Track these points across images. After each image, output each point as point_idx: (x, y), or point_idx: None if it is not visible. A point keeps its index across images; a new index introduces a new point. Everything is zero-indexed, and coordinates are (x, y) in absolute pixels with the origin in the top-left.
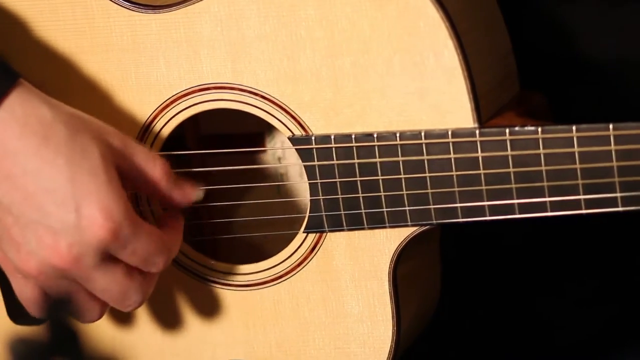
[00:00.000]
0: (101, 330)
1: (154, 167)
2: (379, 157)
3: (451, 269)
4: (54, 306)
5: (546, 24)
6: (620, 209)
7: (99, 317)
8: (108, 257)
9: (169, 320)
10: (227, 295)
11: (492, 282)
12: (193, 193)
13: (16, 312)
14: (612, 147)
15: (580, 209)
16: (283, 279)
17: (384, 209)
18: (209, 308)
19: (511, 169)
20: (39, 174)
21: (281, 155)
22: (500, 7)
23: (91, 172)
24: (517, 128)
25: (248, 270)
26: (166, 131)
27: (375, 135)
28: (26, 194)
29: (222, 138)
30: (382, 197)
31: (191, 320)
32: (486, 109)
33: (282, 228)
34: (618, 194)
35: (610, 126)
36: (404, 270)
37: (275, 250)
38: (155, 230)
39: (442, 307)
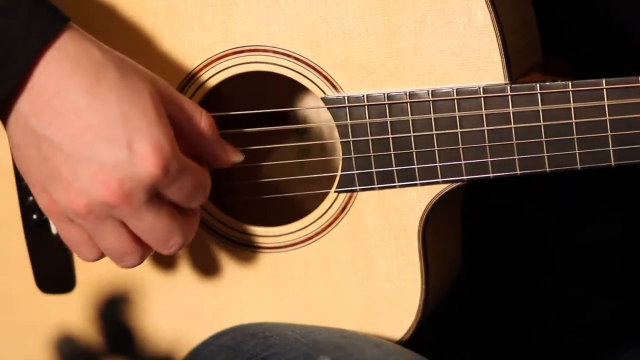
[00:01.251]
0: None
1: (200, 119)
2: (411, 115)
3: (469, 243)
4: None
5: None
6: None
7: (139, 263)
8: (156, 196)
9: (198, 282)
10: (256, 257)
11: (508, 257)
12: (235, 154)
13: (45, 280)
14: None
15: (610, 161)
16: (313, 240)
17: (416, 166)
18: (238, 270)
19: (542, 122)
20: (91, 111)
21: (302, 121)
22: None
23: (142, 109)
24: (547, 83)
25: (278, 233)
26: (200, 94)
27: (407, 93)
28: (78, 131)
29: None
30: (414, 154)
31: (220, 282)
32: (516, 66)
33: (309, 189)
34: None
35: None
36: (431, 230)
37: (303, 211)
38: (196, 166)
39: (461, 279)
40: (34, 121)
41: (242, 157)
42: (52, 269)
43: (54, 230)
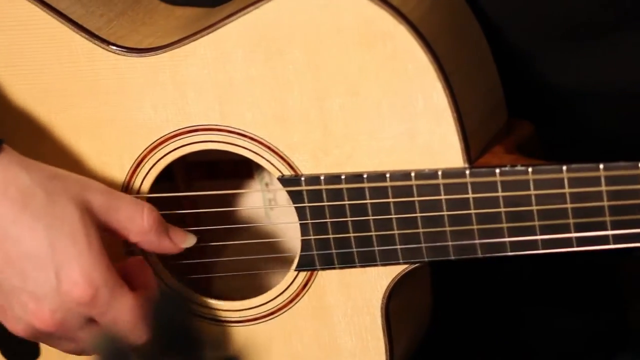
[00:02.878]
0: None
1: (141, 219)
2: (370, 198)
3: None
4: None
5: (526, 58)
6: (611, 246)
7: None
8: (92, 319)
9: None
10: (219, 331)
11: (477, 295)
12: (184, 240)
13: (10, 350)
14: (603, 187)
15: (572, 246)
16: (275, 315)
17: (375, 248)
18: None
19: (502, 209)
20: (19, 241)
21: (270, 194)
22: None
23: (71, 236)
24: (507, 168)
25: (240, 307)
26: (154, 173)
27: (365, 176)
28: (7, 261)
29: (209, 165)
30: (374, 236)
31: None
32: (475, 146)
33: (271, 264)
34: (609, 232)
35: (601, 166)
36: (396, 304)
37: (265, 286)
38: (137, 298)
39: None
40: None
41: (194, 240)
42: (16, 339)
43: None
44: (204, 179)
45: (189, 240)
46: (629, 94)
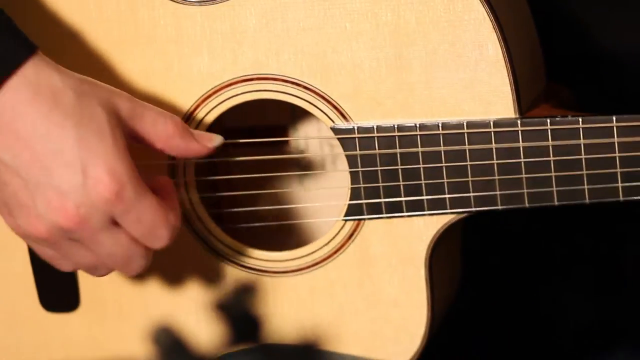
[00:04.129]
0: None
1: (165, 123)
2: (421, 147)
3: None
4: None
5: (565, 19)
6: None
7: (106, 274)
8: (114, 221)
9: (203, 306)
10: (262, 281)
11: (496, 270)
12: (211, 140)
13: (49, 298)
14: None
15: (618, 196)
16: (319, 265)
17: (424, 197)
18: None
19: (551, 157)
20: (48, 137)
21: (304, 147)
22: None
23: (98, 134)
24: (558, 118)
25: (284, 258)
26: (208, 120)
27: (417, 125)
28: (34, 156)
29: (245, 131)
30: (423, 185)
31: None
32: (524, 100)
33: (314, 216)
34: None
35: None
36: (437, 256)
37: (309, 237)
38: (160, 202)
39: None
40: None
41: (221, 139)
42: (56, 287)
43: None
44: (240, 145)
45: (216, 140)
46: None
